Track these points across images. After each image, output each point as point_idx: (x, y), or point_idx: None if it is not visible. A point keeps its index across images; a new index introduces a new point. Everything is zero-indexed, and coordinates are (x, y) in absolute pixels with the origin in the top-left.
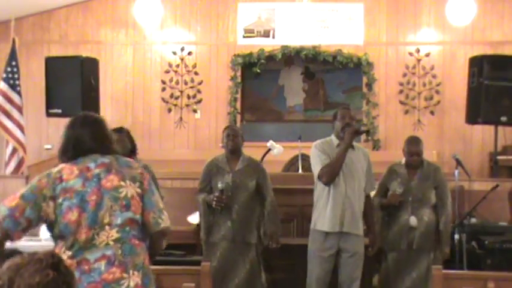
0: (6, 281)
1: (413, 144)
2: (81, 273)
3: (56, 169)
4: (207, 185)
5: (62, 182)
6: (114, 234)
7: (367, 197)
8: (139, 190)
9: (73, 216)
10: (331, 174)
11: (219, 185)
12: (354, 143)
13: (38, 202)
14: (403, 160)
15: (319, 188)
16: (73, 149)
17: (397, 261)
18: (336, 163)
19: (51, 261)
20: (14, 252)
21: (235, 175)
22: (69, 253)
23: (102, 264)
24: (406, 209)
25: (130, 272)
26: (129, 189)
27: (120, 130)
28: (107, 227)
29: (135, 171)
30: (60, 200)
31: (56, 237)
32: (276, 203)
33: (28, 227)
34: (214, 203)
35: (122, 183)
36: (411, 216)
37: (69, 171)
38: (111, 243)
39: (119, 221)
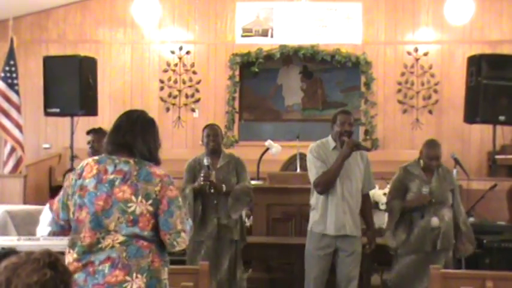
0: (3, 281)
1: (433, 149)
2: (86, 275)
3: (80, 165)
4: (191, 180)
5: (81, 179)
6: (120, 237)
7: (366, 195)
8: (151, 208)
9: (81, 215)
10: (326, 185)
11: (205, 161)
12: None
13: (65, 202)
14: (419, 161)
15: (316, 193)
16: (112, 145)
17: (417, 262)
18: (331, 175)
19: (48, 260)
20: (11, 252)
21: (218, 173)
22: (75, 256)
23: (106, 267)
24: (428, 211)
25: (134, 275)
26: (139, 206)
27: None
28: (112, 232)
29: (151, 188)
30: (76, 196)
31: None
32: (249, 188)
33: (70, 227)
34: (202, 179)
35: (133, 198)
36: (433, 217)
37: (89, 169)
38: (117, 245)
39: (123, 232)
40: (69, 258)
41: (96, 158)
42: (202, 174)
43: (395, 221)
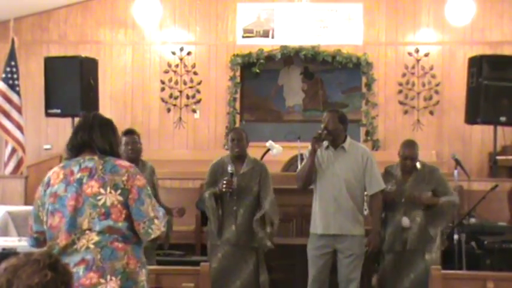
0: (4, 283)
1: (407, 148)
2: None
3: (47, 175)
4: (213, 183)
5: (49, 187)
6: (95, 237)
7: (371, 196)
8: (121, 198)
9: (54, 221)
10: (299, 179)
11: (229, 169)
12: (354, 142)
13: (37, 214)
14: (398, 162)
15: (313, 192)
16: (72, 147)
17: (394, 262)
18: (302, 170)
19: (49, 261)
20: (11, 253)
21: (240, 178)
22: None
23: (80, 269)
24: (398, 211)
25: (108, 277)
26: (109, 197)
27: (132, 132)
28: (87, 231)
29: (119, 178)
30: (47, 205)
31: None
32: (275, 203)
33: (45, 238)
34: (224, 185)
35: (102, 190)
36: (403, 217)
37: (56, 176)
38: (92, 246)
39: (97, 228)
40: None
41: (60, 164)
42: (224, 182)
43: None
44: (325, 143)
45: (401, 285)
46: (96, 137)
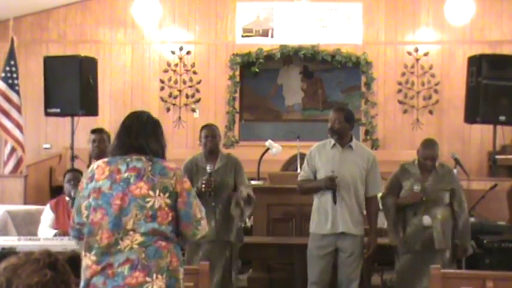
0: (4, 282)
1: (428, 148)
2: (105, 278)
3: (90, 167)
4: None
5: (93, 181)
6: (139, 238)
7: (371, 198)
8: (169, 201)
9: (96, 217)
10: (301, 192)
11: (208, 168)
12: (359, 143)
13: (79, 205)
14: (416, 160)
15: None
16: (128, 139)
17: (413, 261)
18: (306, 190)
19: (48, 260)
20: (10, 253)
21: (216, 174)
22: (94, 258)
23: (125, 268)
24: (419, 210)
25: (154, 275)
26: (157, 200)
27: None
28: (131, 232)
29: (168, 181)
30: (90, 200)
31: (84, 237)
32: (251, 190)
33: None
34: (203, 186)
35: (151, 192)
36: (424, 215)
37: (101, 171)
38: (135, 246)
39: (141, 229)
40: (87, 261)
41: (105, 159)
42: (204, 182)
43: (392, 219)
44: (332, 142)
45: (421, 284)
46: (150, 142)
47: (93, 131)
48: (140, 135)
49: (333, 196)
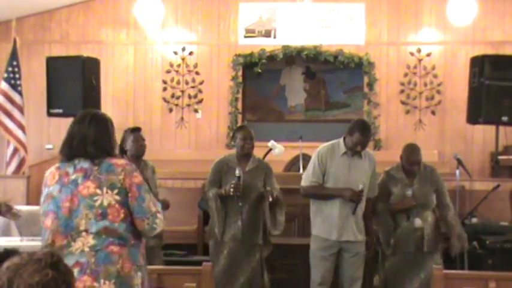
0: (5, 281)
1: (413, 154)
2: None
3: (45, 174)
4: (217, 182)
5: (46, 187)
6: (91, 240)
7: (369, 200)
8: (118, 197)
9: (48, 222)
10: (308, 197)
11: (237, 172)
12: None
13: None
14: (399, 165)
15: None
16: (68, 148)
17: (402, 263)
18: (319, 196)
19: (50, 260)
20: (11, 253)
21: (246, 176)
22: None
23: (75, 272)
24: (411, 213)
25: (102, 281)
26: (106, 198)
27: (137, 129)
28: (83, 233)
29: (115, 178)
30: (44, 206)
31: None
32: (282, 195)
33: None
34: (232, 189)
35: (98, 190)
36: (416, 218)
37: (51, 177)
38: (87, 249)
39: (93, 229)
40: None
41: (56, 165)
42: (232, 186)
43: (384, 224)
44: (343, 150)
45: (411, 285)
46: (90, 148)
47: (132, 130)
48: (79, 143)
49: (354, 208)
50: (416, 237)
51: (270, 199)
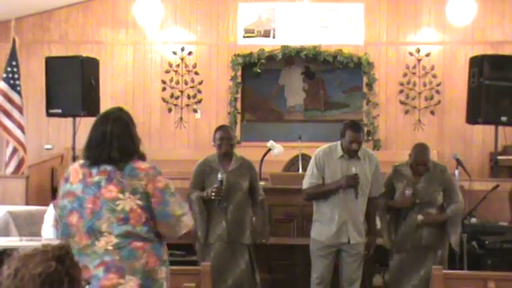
0: (12, 271)
1: (420, 154)
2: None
3: (68, 169)
4: (199, 184)
5: (67, 184)
6: (114, 239)
7: (373, 199)
8: (140, 202)
9: (72, 219)
10: (309, 198)
11: (219, 176)
12: (363, 147)
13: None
14: (407, 161)
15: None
16: (89, 148)
17: (405, 260)
18: (320, 194)
19: (58, 253)
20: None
21: (229, 176)
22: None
23: (100, 271)
24: (413, 210)
25: (127, 277)
26: (128, 202)
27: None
28: (106, 233)
29: (137, 183)
30: (65, 201)
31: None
32: (266, 201)
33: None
34: (213, 193)
35: (120, 195)
36: (419, 215)
37: (75, 174)
38: (110, 248)
39: (116, 232)
40: None
41: (80, 161)
42: (214, 190)
43: (385, 220)
44: (340, 153)
45: (409, 282)
46: (113, 152)
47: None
48: (100, 147)
49: (355, 193)
50: (417, 235)
51: (264, 241)
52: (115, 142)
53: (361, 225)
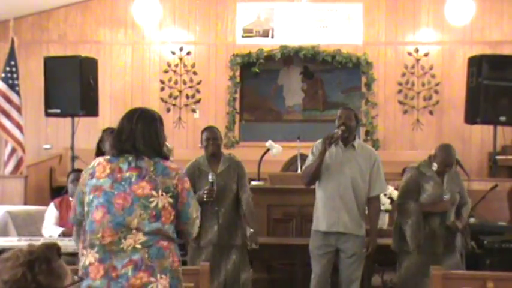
0: None
1: (450, 156)
2: (109, 280)
3: (91, 164)
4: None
5: (93, 179)
6: (142, 237)
7: (372, 198)
8: (171, 200)
9: (97, 215)
10: (306, 177)
11: (210, 177)
12: (363, 143)
13: (81, 198)
14: (430, 163)
15: (316, 189)
16: (118, 142)
17: (426, 262)
18: (310, 168)
19: (28, 258)
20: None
21: (219, 179)
22: (97, 256)
23: (129, 269)
24: (444, 216)
25: (158, 275)
26: (161, 200)
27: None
28: (134, 231)
29: (170, 182)
30: (91, 197)
31: (84, 233)
32: (251, 200)
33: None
34: (205, 195)
35: (154, 192)
36: (444, 195)
37: (102, 169)
38: (139, 246)
39: (146, 229)
40: (91, 258)
41: (107, 157)
42: (206, 192)
43: (414, 224)
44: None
45: (424, 282)
46: (139, 145)
47: (112, 131)
48: (128, 139)
49: (334, 139)
50: (438, 237)
51: (254, 246)
52: (139, 134)
53: (358, 218)
